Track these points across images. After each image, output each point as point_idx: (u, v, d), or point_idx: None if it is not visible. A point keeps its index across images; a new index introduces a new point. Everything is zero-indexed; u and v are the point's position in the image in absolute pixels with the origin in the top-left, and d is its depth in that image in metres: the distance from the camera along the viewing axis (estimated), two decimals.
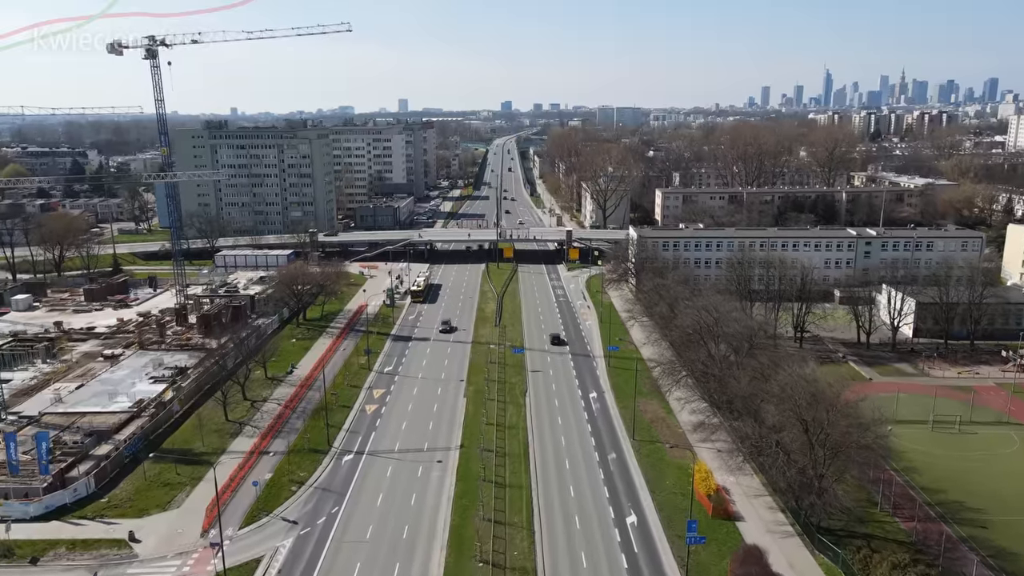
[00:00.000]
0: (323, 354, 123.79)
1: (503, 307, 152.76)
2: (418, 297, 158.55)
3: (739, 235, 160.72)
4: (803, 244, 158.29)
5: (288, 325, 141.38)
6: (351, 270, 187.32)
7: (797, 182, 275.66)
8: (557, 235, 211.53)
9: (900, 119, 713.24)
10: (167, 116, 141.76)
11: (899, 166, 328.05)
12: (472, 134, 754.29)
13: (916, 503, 73.99)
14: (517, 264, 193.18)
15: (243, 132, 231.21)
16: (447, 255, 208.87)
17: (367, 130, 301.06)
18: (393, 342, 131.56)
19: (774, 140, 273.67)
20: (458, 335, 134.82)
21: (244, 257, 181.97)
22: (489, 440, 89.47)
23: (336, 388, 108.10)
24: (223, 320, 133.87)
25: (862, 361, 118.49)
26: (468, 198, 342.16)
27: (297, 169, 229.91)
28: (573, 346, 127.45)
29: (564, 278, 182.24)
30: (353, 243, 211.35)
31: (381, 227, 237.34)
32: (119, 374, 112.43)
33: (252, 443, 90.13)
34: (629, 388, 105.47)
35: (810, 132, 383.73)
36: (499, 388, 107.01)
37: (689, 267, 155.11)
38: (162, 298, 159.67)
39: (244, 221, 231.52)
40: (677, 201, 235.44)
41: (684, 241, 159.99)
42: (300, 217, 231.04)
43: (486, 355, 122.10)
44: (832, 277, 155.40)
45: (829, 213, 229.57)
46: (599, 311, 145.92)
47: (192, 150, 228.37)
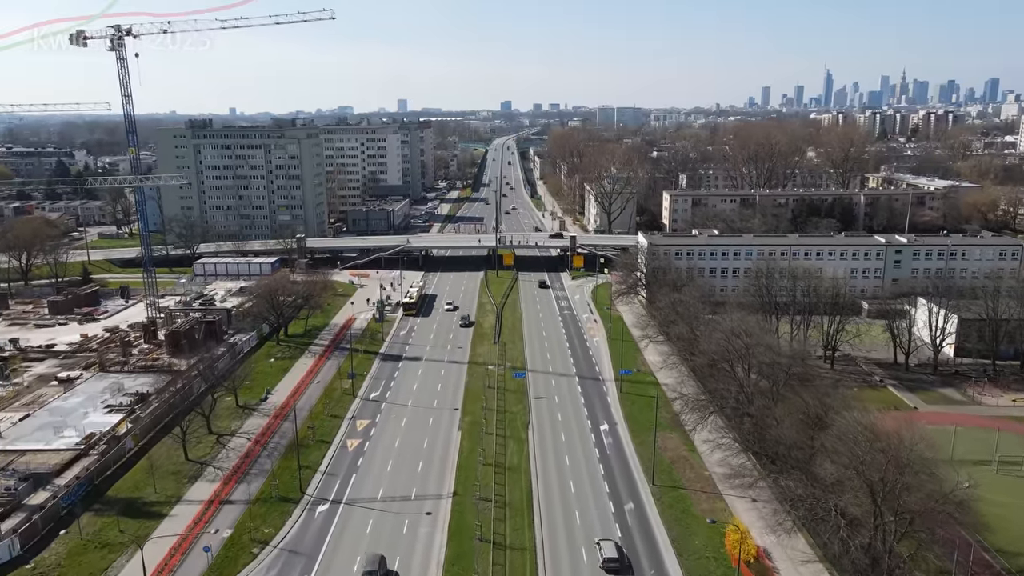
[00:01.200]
0: (303, 377, 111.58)
1: (503, 321, 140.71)
2: (411, 310, 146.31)
3: (758, 242, 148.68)
4: (827, 252, 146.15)
5: (268, 342, 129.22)
6: (340, 279, 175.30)
7: (809, 184, 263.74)
8: (560, 241, 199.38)
9: (905, 119, 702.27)
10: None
11: (912, 167, 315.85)
12: (471, 134, 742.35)
13: (996, 572, 61.97)
14: (518, 272, 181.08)
15: (228, 132, 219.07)
16: (443, 262, 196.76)
17: (361, 129, 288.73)
18: (381, 362, 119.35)
19: (786, 140, 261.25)
20: (453, 354, 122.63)
21: (225, 265, 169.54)
22: (487, 485, 77.37)
23: (314, 419, 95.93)
24: (195, 337, 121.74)
25: (902, 385, 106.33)
26: (466, 200, 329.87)
27: (285, 170, 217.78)
28: (580, 368, 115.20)
29: (568, 288, 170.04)
30: (344, 249, 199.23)
31: (374, 231, 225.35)
32: (72, 402, 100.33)
33: (213, 489, 77.93)
34: (645, 419, 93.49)
35: (822, 132, 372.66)
36: (498, 419, 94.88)
37: (704, 277, 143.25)
38: (134, 310, 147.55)
39: (230, 225, 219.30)
40: (686, 204, 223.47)
41: (699, 249, 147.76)
42: (288, 221, 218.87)
43: (484, 378, 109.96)
44: (859, 288, 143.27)
45: (846, 217, 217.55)
46: (607, 326, 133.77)
47: (174, 150, 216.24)
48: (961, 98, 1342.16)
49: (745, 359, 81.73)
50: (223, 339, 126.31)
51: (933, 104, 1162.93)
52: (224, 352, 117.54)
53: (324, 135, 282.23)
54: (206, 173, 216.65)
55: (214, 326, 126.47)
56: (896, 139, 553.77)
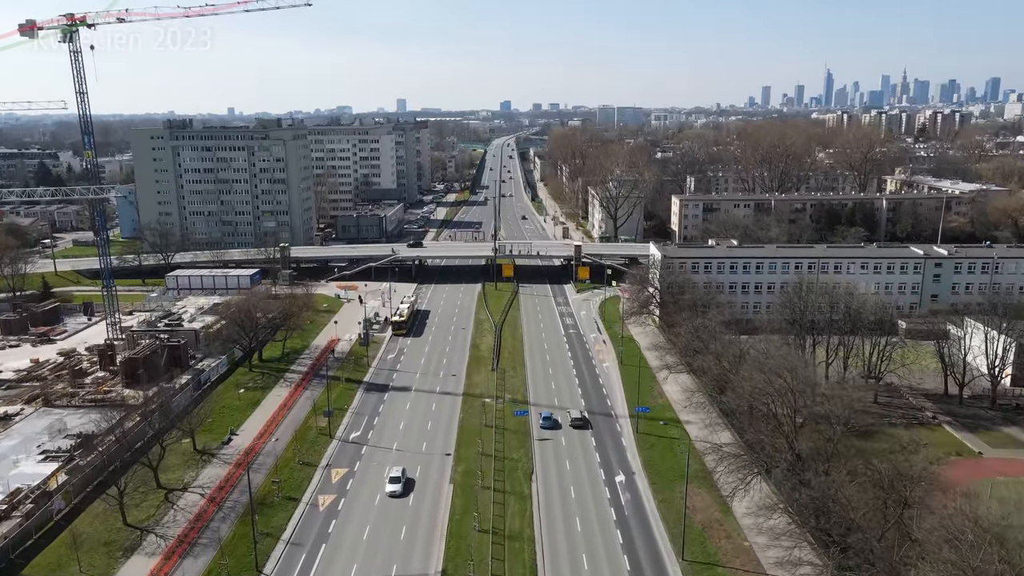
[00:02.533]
0: (275, 412, 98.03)
1: (502, 341, 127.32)
2: (400, 329, 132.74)
3: (783, 255, 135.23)
4: (860, 266, 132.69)
5: (240, 367, 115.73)
6: (326, 292, 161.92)
7: (824, 187, 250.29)
8: (564, 249, 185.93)
9: (911, 119, 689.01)
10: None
11: (929, 169, 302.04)
12: (470, 134, 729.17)
13: None
14: (518, 284, 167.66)
15: (209, 133, 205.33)
16: (438, 272, 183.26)
17: (353, 130, 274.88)
18: (365, 393, 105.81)
19: (801, 141, 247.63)
20: (447, 383, 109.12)
21: (200, 278, 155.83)
22: (482, 562, 63.99)
23: (282, 468, 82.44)
24: (157, 364, 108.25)
25: (959, 424, 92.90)
26: (464, 204, 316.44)
27: (270, 174, 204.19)
28: (590, 401, 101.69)
29: (573, 302, 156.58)
30: (331, 259, 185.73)
31: (365, 239, 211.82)
32: (4, 445, 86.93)
33: (152, 567, 64.47)
34: (667, 467, 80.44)
35: (836, 132, 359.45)
36: (497, 467, 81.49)
37: (723, 292, 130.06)
38: (96, 330, 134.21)
39: (211, 232, 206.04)
40: (697, 210, 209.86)
41: (717, 262, 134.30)
42: (273, 228, 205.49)
43: (481, 414, 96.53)
44: (892, 305, 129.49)
45: (868, 223, 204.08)
46: (618, 350, 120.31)
47: (152, 152, 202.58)
48: (962, 98, 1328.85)
49: (790, 405, 68.21)
50: (189, 365, 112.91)
51: (934, 104, 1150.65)
52: (188, 382, 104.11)
53: (314, 136, 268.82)
54: (185, 177, 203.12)
55: (179, 351, 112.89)
56: (903, 139, 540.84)
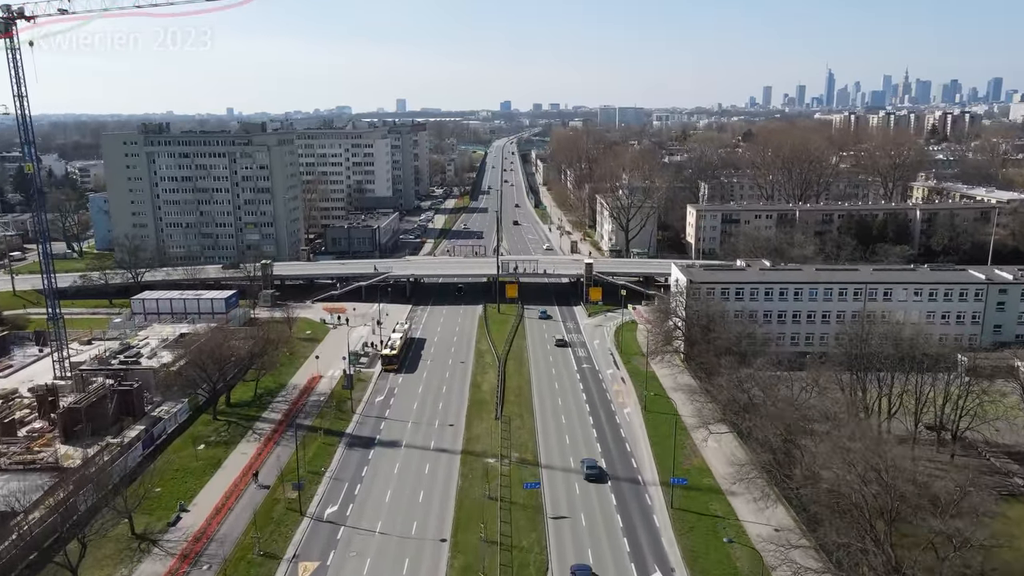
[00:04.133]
0: (237, 478, 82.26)
1: (506, 378, 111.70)
2: (391, 364, 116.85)
3: (825, 279, 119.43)
4: (912, 292, 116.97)
5: (204, 414, 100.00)
6: (311, 314, 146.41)
7: (847, 195, 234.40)
8: (573, 266, 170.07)
9: (920, 120, 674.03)
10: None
11: (954, 174, 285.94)
12: (470, 135, 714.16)
13: None
14: (523, 306, 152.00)
15: (187, 138, 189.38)
16: (435, 291, 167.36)
17: (345, 134, 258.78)
18: (347, 450, 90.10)
19: (825, 145, 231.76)
20: (443, 436, 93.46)
21: (169, 302, 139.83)
22: None
23: (239, 560, 66.76)
24: (105, 413, 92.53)
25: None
26: (464, 210, 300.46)
27: (253, 182, 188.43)
28: (612, 462, 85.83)
29: (584, 328, 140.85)
30: (318, 276, 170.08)
31: (357, 252, 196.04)
32: None
33: None
34: (714, 561, 65.25)
35: (846, 132, 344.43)
36: (503, 559, 65.90)
37: (757, 320, 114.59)
38: (47, 364, 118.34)
39: (190, 246, 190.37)
40: (715, 221, 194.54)
41: (751, 287, 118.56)
42: (257, 241, 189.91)
43: (483, 480, 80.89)
44: (944, 335, 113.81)
45: (901, 236, 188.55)
46: (640, 392, 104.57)
47: (124, 159, 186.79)
48: (964, 98, 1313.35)
49: (887, 508, 52.52)
50: (144, 413, 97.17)
51: (936, 104, 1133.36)
52: (138, 436, 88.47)
53: (304, 140, 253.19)
54: (161, 185, 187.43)
55: (131, 396, 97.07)
56: (915, 141, 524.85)
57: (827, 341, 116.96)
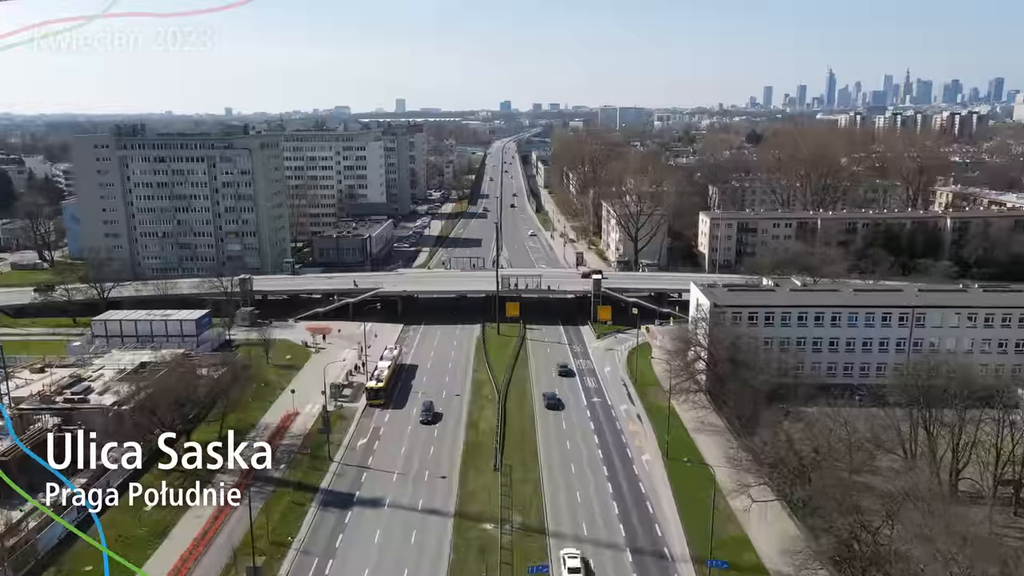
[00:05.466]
0: (186, 552, 69.27)
1: (506, 416, 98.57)
2: (377, 399, 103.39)
3: (867, 302, 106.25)
4: (966, 317, 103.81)
5: (158, 462, 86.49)
6: (291, 337, 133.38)
7: (865, 202, 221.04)
8: (579, 281, 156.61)
9: (928, 120, 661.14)
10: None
11: (978, 179, 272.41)
12: (470, 136, 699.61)
13: None
14: (525, 325, 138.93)
15: (163, 140, 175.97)
16: (429, 309, 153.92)
17: (335, 136, 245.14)
18: (320, 511, 76.85)
19: (847, 147, 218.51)
20: (433, 492, 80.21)
21: (133, 323, 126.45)
22: None
23: None
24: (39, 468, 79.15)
25: None
26: (462, 216, 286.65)
27: (234, 189, 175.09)
28: (631, 529, 72.59)
29: (593, 352, 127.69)
30: (302, 292, 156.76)
31: (347, 264, 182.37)
32: None
33: None
34: None
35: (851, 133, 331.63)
36: None
37: (791, 350, 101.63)
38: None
39: (167, 257, 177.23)
40: (730, 230, 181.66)
41: (782, 312, 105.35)
42: (239, 252, 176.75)
43: (479, 552, 67.80)
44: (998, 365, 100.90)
45: (931, 247, 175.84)
46: (661, 436, 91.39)
47: (96, 163, 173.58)
48: (966, 98, 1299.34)
49: None
50: (88, 463, 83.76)
51: (938, 104, 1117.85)
52: (70, 499, 75.15)
53: (293, 143, 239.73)
54: (135, 192, 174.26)
55: (76, 439, 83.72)
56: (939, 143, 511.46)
57: (868, 373, 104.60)
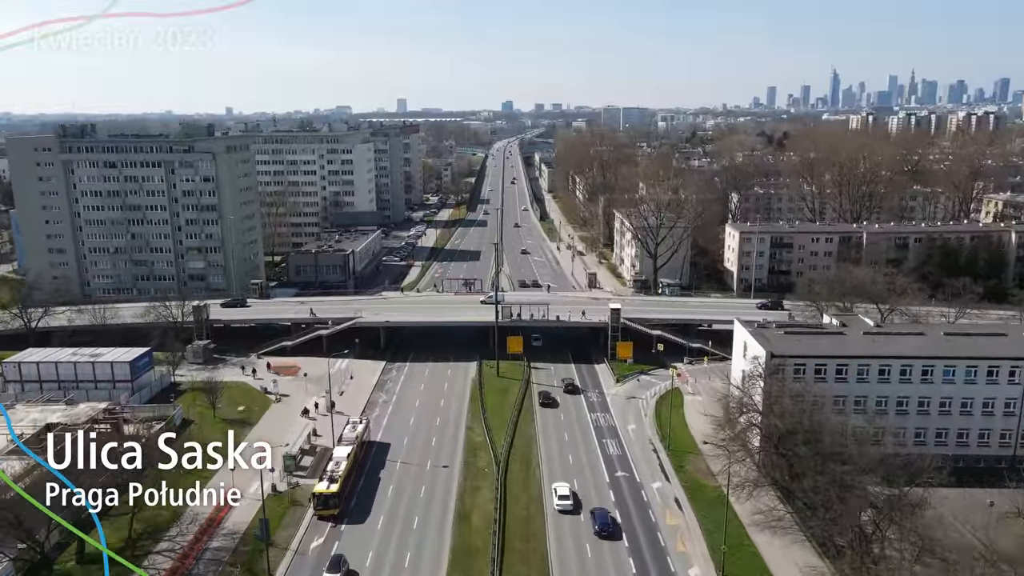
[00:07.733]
0: None
1: (507, 502, 76.33)
2: (328, 507, 74.92)
3: (965, 355, 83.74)
4: None
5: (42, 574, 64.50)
6: (247, 380, 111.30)
7: (906, 213, 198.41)
8: (593, 308, 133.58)
9: (942, 120, 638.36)
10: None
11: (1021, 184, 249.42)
12: (471, 136, 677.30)
13: None
14: (530, 366, 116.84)
15: (113, 143, 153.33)
16: (417, 341, 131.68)
17: (319, 138, 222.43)
18: None
19: (892, 151, 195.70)
20: None
21: (54, 365, 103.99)
22: None
23: None
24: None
25: None
26: (460, 223, 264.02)
27: (195, 198, 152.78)
28: None
29: (612, 401, 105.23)
30: (267, 323, 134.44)
31: (327, 283, 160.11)
32: None
33: None
34: None
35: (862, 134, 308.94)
36: None
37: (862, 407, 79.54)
38: None
39: (120, 276, 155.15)
40: (763, 246, 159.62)
41: (859, 364, 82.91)
42: (202, 269, 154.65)
43: None
44: None
45: (993, 265, 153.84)
46: (708, 535, 69.06)
47: (36, 169, 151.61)
48: (971, 98, 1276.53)
49: None
50: None
51: (943, 104, 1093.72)
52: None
53: (272, 145, 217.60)
54: (83, 202, 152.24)
55: None
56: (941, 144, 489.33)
57: (967, 442, 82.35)
